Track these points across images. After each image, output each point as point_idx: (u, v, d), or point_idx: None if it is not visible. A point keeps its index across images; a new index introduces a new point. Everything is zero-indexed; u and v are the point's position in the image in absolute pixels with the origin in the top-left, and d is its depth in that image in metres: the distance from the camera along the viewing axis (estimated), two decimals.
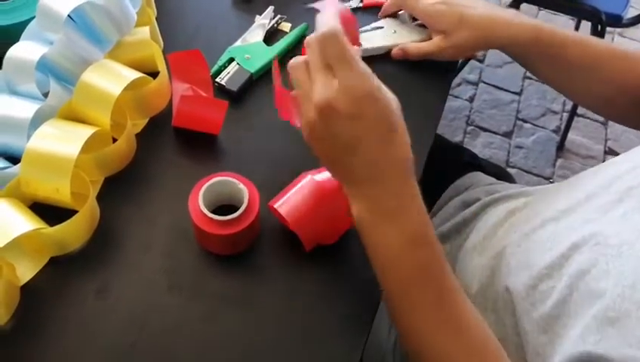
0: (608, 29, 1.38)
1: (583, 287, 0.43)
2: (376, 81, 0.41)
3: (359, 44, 0.62)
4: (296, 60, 0.44)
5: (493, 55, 1.91)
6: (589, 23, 1.49)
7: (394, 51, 0.66)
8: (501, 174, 0.79)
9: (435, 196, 0.73)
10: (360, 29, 0.69)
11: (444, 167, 0.75)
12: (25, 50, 0.53)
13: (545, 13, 2.01)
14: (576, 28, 1.87)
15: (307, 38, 0.43)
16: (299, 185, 0.52)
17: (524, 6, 1.45)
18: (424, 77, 0.67)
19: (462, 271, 0.61)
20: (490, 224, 0.61)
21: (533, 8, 2.01)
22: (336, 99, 0.40)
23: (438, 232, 0.67)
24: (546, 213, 0.52)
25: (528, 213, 0.56)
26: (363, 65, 0.41)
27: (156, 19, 0.66)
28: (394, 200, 0.43)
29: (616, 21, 1.34)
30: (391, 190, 0.43)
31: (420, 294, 0.43)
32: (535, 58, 0.63)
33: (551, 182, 1.64)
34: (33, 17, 0.56)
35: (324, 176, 0.52)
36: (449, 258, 0.64)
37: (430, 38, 0.66)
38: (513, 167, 1.67)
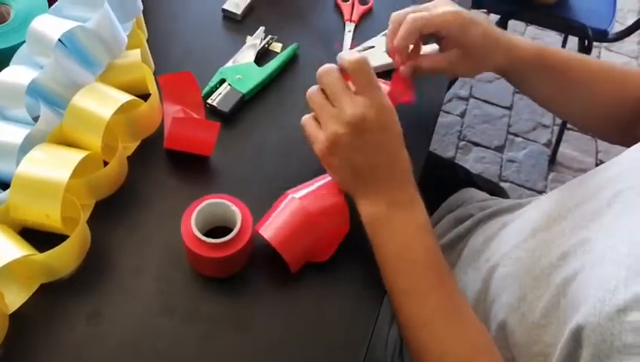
0: (595, 43, 1.39)
1: (569, 295, 0.43)
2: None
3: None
4: (312, 88, 0.51)
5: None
6: (577, 39, 1.51)
7: (402, 70, 0.59)
8: (494, 190, 0.80)
9: (429, 213, 0.73)
10: (351, 49, 0.70)
11: (437, 184, 0.75)
12: (15, 75, 0.53)
13: (533, 29, 2.04)
14: (564, 43, 1.90)
15: (321, 69, 0.51)
16: (281, 205, 0.51)
17: (512, 22, 1.47)
18: (418, 91, 0.67)
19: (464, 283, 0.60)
20: (484, 238, 0.61)
21: (521, 24, 2.04)
22: (368, 112, 0.48)
23: None
24: (536, 223, 0.52)
25: (520, 224, 0.57)
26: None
27: (147, 41, 0.66)
28: (406, 194, 0.51)
29: (603, 36, 1.35)
30: (403, 186, 0.51)
31: (428, 278, 0.49)
32: (536, 75, 0.61)
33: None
34: (23, 42, 0.56)
35: (304, 193, 0.52)
36: (458, 267, 0.65)
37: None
38: (506, 181, 1.67)
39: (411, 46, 0.57)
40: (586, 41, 1.37)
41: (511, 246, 0.54)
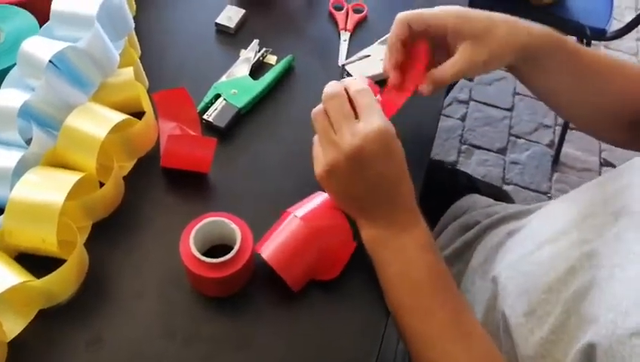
0: (593, 42, 1.39)
1: (579, 311, 0.42)
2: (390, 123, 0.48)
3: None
4: (317, 108, 0.51)
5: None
6: (574, 38, 1.50)
7: (423, 89, 0.55)
8: (498, 194, 0.79)
9: (432, 220, 0.72)
10: (347, 60, 0.69)
11: (440, 191, 0.74)
12: (6, 98, 0.52)
13: None
14: None
15: (327, 91, 0.50)
16: (282, 224, 0.50)
17: None
18: (415, 99, 0.66)
19: (465, 295, 0.59)
20: (490, 246, 0.60)
21: None
22: (369, 144, 0.47)
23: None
24: (543, 235, 0.51)
25: (527, 233, 0.55)
26: (382, 112, 0.49)
27: (140, 58, 0.66)
28: (407, 215, 0.50)
29: (601, 34, 1.35)
30: (404, 207, 0.50)
31: (433, 297, 0.48)
32: (549, 63, 0.56)
33: (549, 197, 1.64)
34: (14, 64, 0.55)
35: (305, 211, 0.51)
36: (466, 275, 0.63)
37: None
38: (509, 184, 1.66)
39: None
40: (584, 40, 1.36)
41: (517, 258, 0.53)
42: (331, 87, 0.50)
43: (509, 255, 0.54)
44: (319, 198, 0.52)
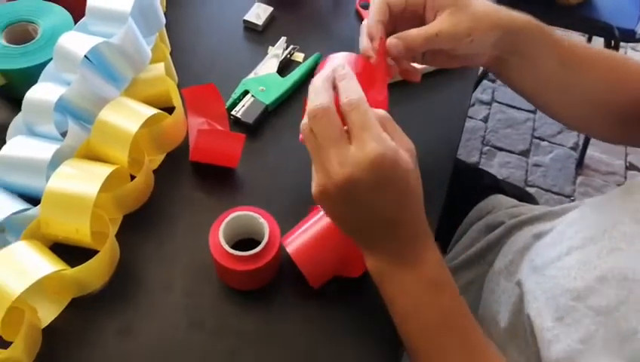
0: (621, 44, 1.37)
1: (611, 324, 0.41)
2: (393, 145, 0.41)
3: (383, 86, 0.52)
4: (304, 126, 0.43)
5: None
6: (602, 39, 1.48)
7: (391, 42, 0.50)
8: (522, 196, 0.78)
9: (456, 221, 0.72)
10: None
11: (464, 191, 0.74)
12: (43, 92, 0.54)
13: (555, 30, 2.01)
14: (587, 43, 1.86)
15: (312, 107, 0.42)
16: (310, 220, 0.51)
17: None
18: (442, 99, 0.67)
19: (489, 296, 0.59)
20: (516, 248, 0.59)
21: None
22: (360, 174, 0.40)
23: (462, 258, 0.66)
24: (572, 240, 0.50)
25: (554, 237, 0.55)
26: (383, 132, 0.41)
27: (170, 54, 0.67)
28: (410, 251, 0.44)
29: (630, 36, 1.33)
30: (407, 242, 0.44)
31: (445, 338, 0.43)
32: (535, 51, 0.53)
33: (572, 200, 1.62)
34: (50, 59, 0.57)
35: None
36: (474, 284, 0.63)
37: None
38: (532, 186, 1.65)
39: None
40: (612, 42, 1.34)
41: (545, 262, 0.51)
42: (317, 96, 0.42)
43: (536, 258, 0.54)
44: None
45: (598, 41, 1.53)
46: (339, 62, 0.48)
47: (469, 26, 0.49)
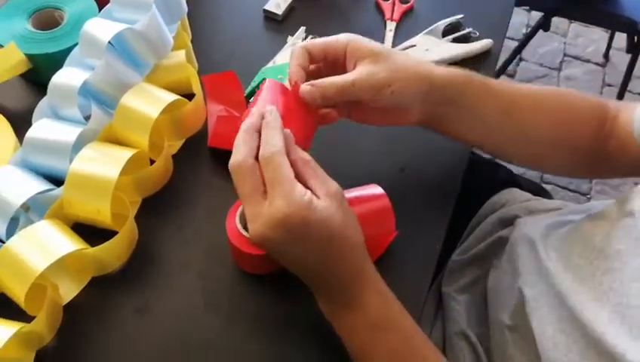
0: None
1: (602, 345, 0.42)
2: (302, 200, 0.40)
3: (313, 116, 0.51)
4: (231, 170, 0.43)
5: (525, 70, 1.89)
6: (624, 35, 1.46)
7: (304, 89, 0.48)
8: (538, 191, 0.78)
9: (470, 213, 0.72)
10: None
11: (479, 184, 0.74)
12: (68, 76, 0.55)
13: (576, 26, 1.98)
14: (610, 40, 1.84)
15: (230, 163, 0.42)
16: None
17: (554, 19, 1.43)
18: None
19: (492, 295, 0.59)
20: (520, 250, 0.59)
21: (564, 22, 1.98)
22: (268, 230, 0.40)
23: (472, 253, 0.66)
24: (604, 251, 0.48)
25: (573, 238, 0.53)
26: (294, 187, 0.40)
27: (191, 42, 0.68)
28: (349, 294, 0.44)
29: None
30: (342, 286, 0.44)
31: None
32: (467, 100, 0.52)
33: (588, 198, 1.60)
34: (76, 44, 0.58)
35: (350, 195, 0.51)
36: (482, 281, 0.63)
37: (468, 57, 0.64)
38: (548, 183, 1.63)
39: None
40: (636, 38, 1.32)
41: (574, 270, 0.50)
42: (235, 150, 0.42)
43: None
44: (367, 187, 0.53)
45: (622, 37, 1.50)
46: (269, 97, 0.48)
47: (387, 75, 0.49)
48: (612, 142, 0.55)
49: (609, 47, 1.86)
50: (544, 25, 1.40)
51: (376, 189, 0.53)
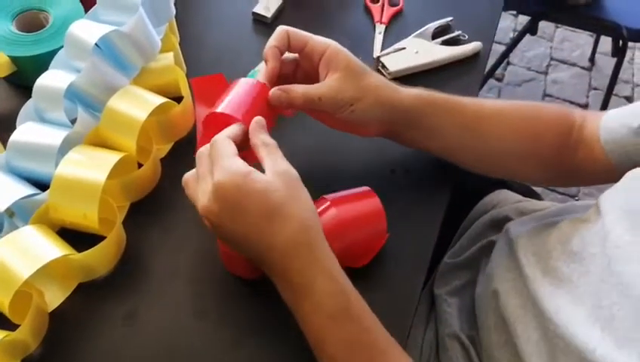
0: (630, 44, 1.36)
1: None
2: (239, 170, 0.42)
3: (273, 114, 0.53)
4: (186, 177, 0.47)
5: (512, 73, 1.90)
6: (609, 40, 1.48)
7: (274, 93, 0.50)
8: (528, 192, 0.78)
9: (462, 215, 0.72)
10: (383, 52, 0.69)
11: (470, 186, 0.74)
12: (53, 79, 0.54)
13: (562, 31, 2.00)
14: (595, 44, 1.86)
15: (198, 151, 0.46)
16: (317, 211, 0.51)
17: (541, 24, 1.45)
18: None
19: (478, 300, 0.59)
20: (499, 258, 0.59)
21: (550, 27, 2.01)
22: (211, 202, 0.42)
23: (465, 256, 0.66)
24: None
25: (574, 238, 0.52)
26: (233, 160, 0.42)
27: (179, 44, 0.67)
28: (301, 278, 0.42)
29: (638, 36, 1.32)
30: (294, 268, 0.42)
31: None
32: (429, 118, 0.53)
33: (576, 200, 1.61)
34: (61, 47, 0.57)
35: (338, 199, 0.51)
36: (478, 281, 0.63)
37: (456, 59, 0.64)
38: (537, 186, 1.64)
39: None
40: (621, 42, 1.34)
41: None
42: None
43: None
44: (359, 189, 0.53)
45: (607, 41, 1.52)
46: (241, 90, 0.51)
47: (352, 96, 0.50)
48: (579, 152, 0.55)
49: (594, 51, 1.88)
50: (531, 29, 1.41)
51: (367, 191, 0.53)
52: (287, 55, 0.54)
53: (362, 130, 0.55)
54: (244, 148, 0.47)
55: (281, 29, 0.52)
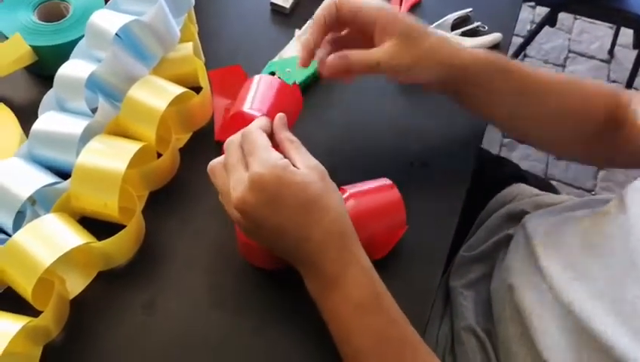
0: None
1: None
2: (278, 163, 0.42)
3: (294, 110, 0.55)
4: (213, 165, 0.47)
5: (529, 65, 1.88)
6: (629, 32, 1.45)
7: (332, 62, 0.51)
8: (545, 186, 0.77)
9: (478, 208, 0.71)
10: None
11: (486, 180, 0.74)
12: (74, 69, 0.54)
13: (581, 23, 1.97)
14: (615, 36, 1.83)
15: (227, 141, 0.47)
16: None
17: (560, 15, 1.43)
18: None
19: (493, 294, 0.59)
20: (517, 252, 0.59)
21: (569, 18, 1.98)
22: (248, 193, 0.42)
23: (481, 249, 0.66)
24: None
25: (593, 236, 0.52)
26: (270, 153, 0.43)
27: (198, 35, 0.67)
28: (333, 267, 0.43)
29: None
30: (328, 257, 0.43)
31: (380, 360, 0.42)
32: (490, 83, 0.53)
33: (593, 194, 1.60)
34: (81, 37, 0.57)
35: (357, 191, 0.51)
36: (494, 274, 0.63)
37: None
38: (552, 180, 1.63)
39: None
40: None
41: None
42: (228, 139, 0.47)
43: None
44: (377, 181, 0.53)
45: (626, 33, 1.50)
46: (262, 88, 0.54)
47: (411, 61, 0.50)
48: (621, 131, 0.55)
49: (614, 43, 1.85)
50: (550, 20, 1.39)
51: (386, 182, 0.53)
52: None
53: (424, 86, 0.55)
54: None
55: (317, 15, 0.52)
